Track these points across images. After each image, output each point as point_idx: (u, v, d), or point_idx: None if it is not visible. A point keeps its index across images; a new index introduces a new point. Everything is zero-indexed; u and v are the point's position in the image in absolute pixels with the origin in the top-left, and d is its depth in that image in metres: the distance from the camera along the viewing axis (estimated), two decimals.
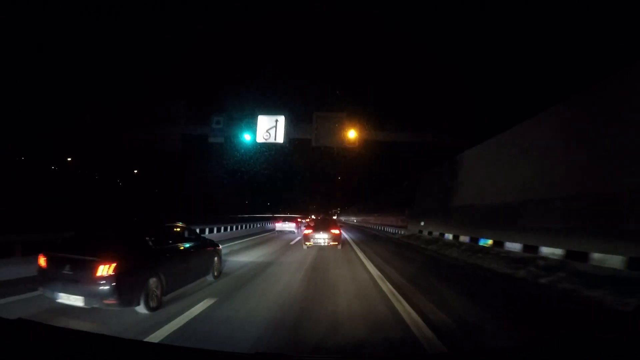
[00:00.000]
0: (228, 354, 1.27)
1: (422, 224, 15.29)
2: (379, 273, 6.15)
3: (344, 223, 38.77)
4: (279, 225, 21.89)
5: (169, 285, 3.80)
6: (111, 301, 3.17)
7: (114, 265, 3.20)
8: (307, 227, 12.99)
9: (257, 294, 4.41)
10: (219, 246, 5.64)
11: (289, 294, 4.42)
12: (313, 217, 35.04)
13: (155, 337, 2.79)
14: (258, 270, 6.35)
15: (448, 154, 13.25)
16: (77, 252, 3.38)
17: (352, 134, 11.47)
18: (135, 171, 40.92)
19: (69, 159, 34.53)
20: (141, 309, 3.35)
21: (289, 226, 21.06)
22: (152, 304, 3.46)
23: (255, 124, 11.49)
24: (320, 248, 10.73)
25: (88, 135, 12.40)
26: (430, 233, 13.71)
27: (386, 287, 5.12)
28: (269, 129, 11.89)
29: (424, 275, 6.27)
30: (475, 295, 4.59)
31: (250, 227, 20.26)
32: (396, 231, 20.34)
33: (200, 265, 4.82)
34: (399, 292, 4.69)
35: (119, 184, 41.69)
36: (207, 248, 5.22)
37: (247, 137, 11.65)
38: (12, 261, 5.25)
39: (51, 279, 3.35)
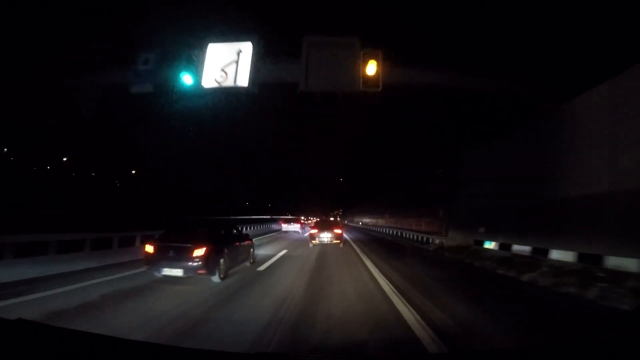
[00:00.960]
0: (228, 354, 1.36)
1: (482, 230, 10.10)
2: None
3: (345, 224, 39.34)
4: (285, 226, 23.98)
5: (229, 265, 6.45)
6: (201, 272, 5.63)
7: (205, 249, 5.68)
8: (312, 227, 14.61)
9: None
10: (252, 240, 8.62)
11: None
12: (311, 219, 39.09)
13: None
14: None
15: (508, 118, 8.94)
16: (176, 241, 5.85)
17: (371, 68, 6.97)
18: (134, 172, 42.06)
19: (65, 159, 36.07)
20: (215, 278, 5.91)
21: (294, 227, 23.15)
22: (222, 275, 6.03)
23: (204, 58, 7.25)
24: (323, 245, 12.62)
25: None
26: (505, 247, 8.74)
27: None
28: (226, 65, 7.19)
29: None
30: None
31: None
32: (423, 239, 15.69)
33: (244, 253, 7.61)
34: None
35: (116, 184, 41.50)
36: (247, 241, 8.06)
37: (187, 79, 7.29)
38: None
39: (157, 259, 5.72)
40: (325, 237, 12.38)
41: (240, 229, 8.61)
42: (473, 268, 8.25)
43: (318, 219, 20.77)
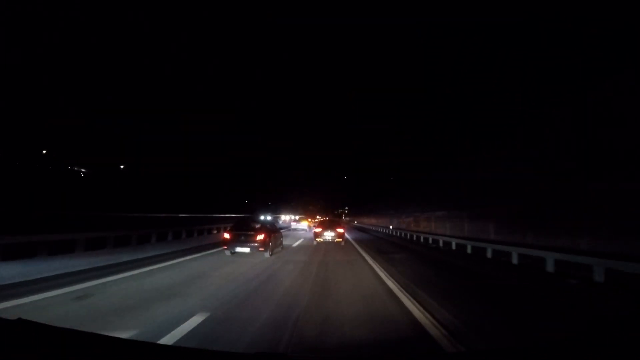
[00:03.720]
0: (228, 354, 1.43)
1: None
2: None
3: (352, 225, 41.81)
4: (294, 224, 30.59)
5: (273, 247, 10.63)
6: (261, 249, 9.73)
7: (264, 235, 9.97)
8: (316, 226, 16.70)
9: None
10: (281, 232, 14.02)
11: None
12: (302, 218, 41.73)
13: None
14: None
15: None
16: (244, 230, 10.10)
17: None
18: (122, 166, 40.68)
19: (44, 151, 33.86)
20: (267, 254, 9.95)
21: (302, 225, 27.85)
22: (270, 252, 10.16)
23: None
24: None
25: None
26: None
27: None
28: None
29: None
30: None
31: None
32: None
33: (278, 241, 11.91)
34: None
35: (105, 180, 38.37)
36: (279, 232, 12.79)
37: None
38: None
39: (232, 242, 9.83)
40: (329, 235, 14.39)
41: (275, 224, 14.12)
42: None
43: (322, 219, 22.44)
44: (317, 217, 43.40)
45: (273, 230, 11.12)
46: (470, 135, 16.32)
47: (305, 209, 66.12)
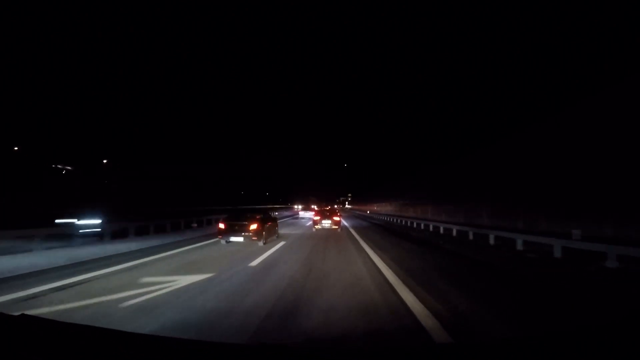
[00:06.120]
0: (229, 345, 1.45)
1: None
2: None
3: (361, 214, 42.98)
4: (302, 213, 35.70)
5: (267, 236, 11.00)
6: (254, 238, 10.28)
7: (256, 224, 10.50)
8: (315, 215, 18.64)
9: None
10: (277, 222, 14.01)
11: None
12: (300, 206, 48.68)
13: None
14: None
15: None
16: (238, 220, 10.81)
17: None
18: (105, 161, 39.17)
19: (15, 148, 31.41)
20: (260, 243, 10.37)
21: (309, 214, 30.36)
22: (264, 242, 10.57)
23: None
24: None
25: None
26: None
27: None
28: None
29: None
30: None
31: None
32: None
33: (273, 230, 12.32)
34: None
35: (87, 175, 38.19)
36: (274, 222, 13.03)
37: None
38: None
39: (226, 231, 10.45)
40: (326, 223, 16.64)
41: (270, 214, 14.97)
42: None
43: (320, 208, 23.52)
44: (314, 206, 47.33)
45: (267, 220, 11.61)
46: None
47: (309, 198, 68.92)
